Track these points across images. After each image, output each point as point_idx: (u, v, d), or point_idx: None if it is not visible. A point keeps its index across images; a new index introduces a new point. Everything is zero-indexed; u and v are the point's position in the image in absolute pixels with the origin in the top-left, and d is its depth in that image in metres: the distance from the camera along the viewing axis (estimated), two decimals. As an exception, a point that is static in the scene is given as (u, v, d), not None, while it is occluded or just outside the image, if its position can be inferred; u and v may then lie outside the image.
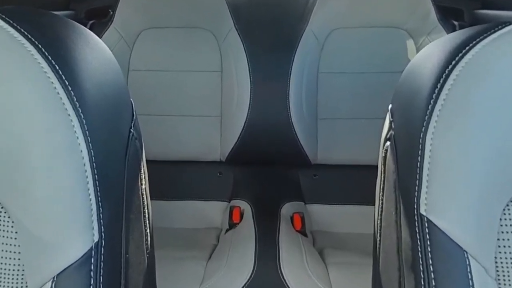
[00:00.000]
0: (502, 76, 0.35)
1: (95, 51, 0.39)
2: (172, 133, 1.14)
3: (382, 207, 0.46)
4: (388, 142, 0.44)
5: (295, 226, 1.01)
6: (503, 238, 0.37)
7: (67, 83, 0.34)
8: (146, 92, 1.13)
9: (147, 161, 0.48)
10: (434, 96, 0.36)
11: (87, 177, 0.35)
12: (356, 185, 1.11)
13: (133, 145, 0.43)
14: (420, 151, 0.37)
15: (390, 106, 0.45)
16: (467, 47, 0.37)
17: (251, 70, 1.08)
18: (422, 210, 0.37)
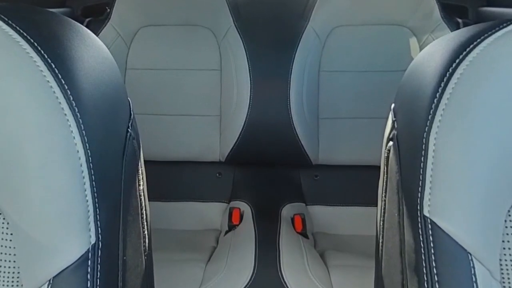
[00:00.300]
0: (507, 75, 0.35)
1: (92, 49, 0.39)
2: (171, 133, 1.14)
3: (385, 209, 0.46)
4: (391, 142, 0.44)
5: (296, 228, 1.01)
6: (508, 240, 0.37)
7: (63, 82, 0.34)
8: (144, 91, 1.13)
9: (145, 162, 0.48)
10: (438, 95, 0.36)
11: (84, 178, 0.35)
12: (358, 186, 1.11)
13: (131, 145, 0.43)
14: (424, 152, 0.37)
15: (393, 106, 0.45)
16: (471, 45, 0.37)
17: (251, 69, 1.08)
18: (426, 212, 0.37)
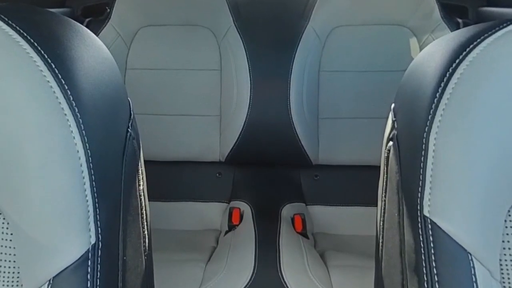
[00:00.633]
0: (507, 75, 0.35)
1: (92, 49, 0.39)
2: (170, 133, 1.14)
3: (385, 209, 0.46)
4: (391, 142, 0.44)
5: (296, 228, 1.01)
6: (508, 240, 0.37)
7: (63, 82, 0.34)
8: (144, 91, 1.13)
9: (145, 161, 0.48)
10: (438, 95, 0.36)
11: (84, 178, 0.35)
12: (358, 186, 1.11)
13: (131, 145, 0.43)
14: (424, 152, 0.37)
15: (393, 105, 0.45)
16: (471, 46, 0.37)
17: (251, 69, 1.08)
18: (426, 212, 0.37)
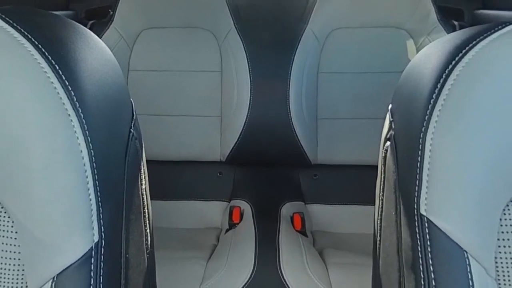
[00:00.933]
0: (502, 77, 0.35)
1: (95, 51, 0.39)
2: (172, 133, 1.14)
3: (382, 207, 0.46)
4: (388, 142, 0.44)
5: (295, 226, 1.01)
6: (503, 238, 0.37)
7: (67, 83, 0.34)
8: (146, 92, 1.13)
9: (147, 161, 0.48)
10: (434, 96, 0.36)
11: (87, 178, 0.35)
12: (356, 185, 1.11)
13: (133, 145, 0.43)
14: (420, 152, 0.37)
15: (390, 106, 0.45)
16: (467, 48, 0.37)
17: (251, 70, 1.08)
18: (422, 210, 0.37)
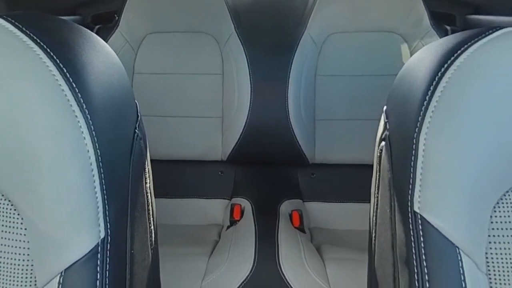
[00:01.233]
0: (492, 80, 0.35)
1: (102, 55, 0.39)
2: (175, 134, 1.14)
3: (377, 205, 0.46)
4: (383, 142, 0.44)
5: (294, 223, 1.01)
6: (494, 235, 0.37)
7: (75, 86, 0.34)
8: (151, 94, 1.13)
9: (151, 161, 0.48)
10: (427, 98, 0.36)
11: (94, 176, 0.35)
12: (353, 184, 1.11)
13: (138, 145, 0.43)
14: (414, 151, 0.37)
15: (385, 108, 0.45)
16: (459, 51, 0.37)
17: (251, 73, 1.08)
18: (416, 208, 0.37)
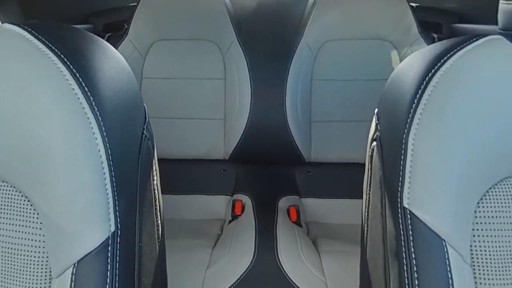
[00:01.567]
0: (477, 84, 0.36)
1: (112, 61, 0.39)
2: (181, 134, 1.14)
3: (369, 201, 0.46)
4: (375, 143, 0.44)
5: (291, 218, 1.01)
6: (478, 229, 0.37)
7: (87, 90, 0.34)
8: (158, 98, 1.13)
9: (159, 159, 0.48)
10: (416, 101, 0.37)
11: (105, 174, 0.35)
12: (346, 181, 1.11)
13: (146, 145, 0.43)
14: (403, 151, 0.37)
15: (376, 110, 0.45)
16: (445, 57, 0.37)
17: (252, 78, 1.08)
18: (405, 203, 0.37)
